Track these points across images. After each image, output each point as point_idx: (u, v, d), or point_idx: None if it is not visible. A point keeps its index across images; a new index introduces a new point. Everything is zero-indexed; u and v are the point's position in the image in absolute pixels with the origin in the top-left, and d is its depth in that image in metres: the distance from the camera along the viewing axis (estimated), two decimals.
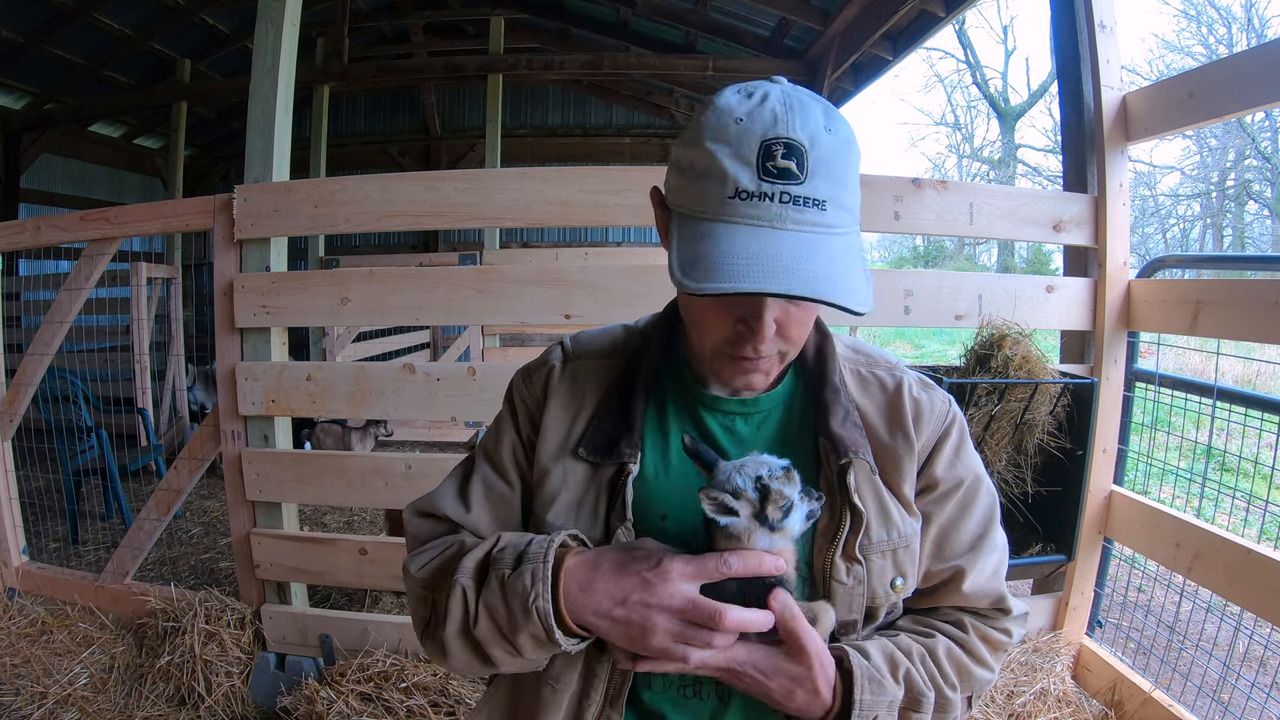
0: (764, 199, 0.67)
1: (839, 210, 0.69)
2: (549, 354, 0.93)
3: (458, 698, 2.09)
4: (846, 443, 0.80)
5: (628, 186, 2.08)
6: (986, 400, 1.98)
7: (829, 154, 0.68)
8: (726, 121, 0.69)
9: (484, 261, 5.76)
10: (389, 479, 2.18)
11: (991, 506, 0.87)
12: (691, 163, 0.71)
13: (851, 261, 0.69)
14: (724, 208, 0.68)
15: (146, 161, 9.47)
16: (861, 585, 0.79)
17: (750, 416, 0.85)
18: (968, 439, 0.88)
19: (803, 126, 0.68)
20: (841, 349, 0.89)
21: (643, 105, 9.33)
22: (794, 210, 0.67)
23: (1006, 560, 0.87)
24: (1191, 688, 2.13)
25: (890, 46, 5.50)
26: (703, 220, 0.69)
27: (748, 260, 0.66)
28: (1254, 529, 2.84)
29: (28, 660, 2.30)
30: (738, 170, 0.67)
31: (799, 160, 0.67)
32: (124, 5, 6.60)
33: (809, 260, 0.66)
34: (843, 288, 0.66)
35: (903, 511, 0.82)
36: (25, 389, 2.61)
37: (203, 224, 2.26)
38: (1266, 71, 1.77)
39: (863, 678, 0.73)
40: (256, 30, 2.25)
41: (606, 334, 0.94)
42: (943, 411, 0.86)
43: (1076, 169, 2.28)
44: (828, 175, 0.68)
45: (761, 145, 0.67)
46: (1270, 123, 15.43)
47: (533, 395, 0.91)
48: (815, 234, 0.68)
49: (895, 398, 0.86)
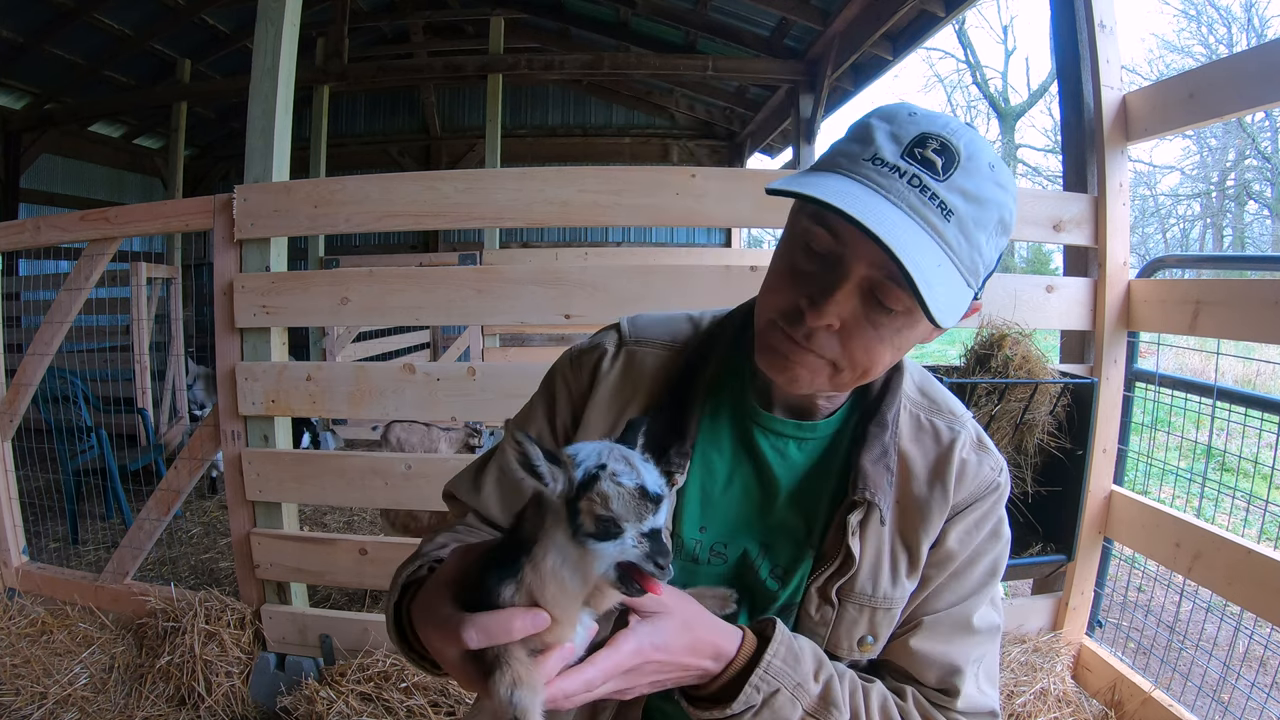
0: (894, 172, 0.64)
1: (961, 235, 0.65)
2: (603, 337, 0.88)
3: (458, 698, 2.09)
4: (868, 481, 0.74)
5: (628, 186, 2.09)
6: (986, 400, 1.98)
7: (981, 180, 0.65)
8: (901, 111, 0.68)
9: (484, 261, 5.75)
10: (389, 479, 2.18)
11: (983, 582, 0.80)
12: (850, 132, 0.69)
13: (947, 280, 0.64)
14: (853, 165, 0.65)
15: (146, 161, 9.46)
16: (825, 628, 0.76)
17: (804, 442, 0.80)
18: (1000, 510, 0.81)
19: (969, 144, 0.65)
20: (909, 386, 0.83)
21: (643, 105, 9.33)
22: (916, 197, 0.63)
23: (985, 646, 0.80)
24: (1191, 688, 2.13)
25: (890, 46, 5.50)
26: (826, 171, 0.67)
27: (851, 199, 0.62)
28: (1254, 529, 2.84)
29: (28, 660, 2.30)
30: (885, 142, 0.65)
31: (948, 161, 0.64)
32: (124, 5, 6.60)
33: (908, 236, 0.62)
34: (930, 284, 0.61)
35: (902, 571, 0.77)
36: (25, 389, 2.61)
37: (203, 224, 2.26)
38: (1266, 71, 1.77)
39: (780, 645, 0.70)
40: (256, 30, 2.25)
41: (670, 323, 0.88)
42: (987, 480, 0.80)
43: (1076, 169, 2.28)
44: (969, 194, 0.65)
45: (920, 134, 0.65)
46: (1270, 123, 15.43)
47: (578, 383, 0.86)
48: (925, 231, 0.64)
49: (945, 454, 0.80)
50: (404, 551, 2.21)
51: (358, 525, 4.20)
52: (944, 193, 0.64)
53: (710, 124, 9.27)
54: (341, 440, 5.15)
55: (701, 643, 0.67)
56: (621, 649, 0.62)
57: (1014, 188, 0.69)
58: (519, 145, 8.79)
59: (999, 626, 0.82)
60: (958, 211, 0.64)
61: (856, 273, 0.66)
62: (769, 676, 0.68)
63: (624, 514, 0.53)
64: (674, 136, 9.33)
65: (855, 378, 0.72)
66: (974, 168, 0.65)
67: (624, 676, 0.63)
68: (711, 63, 6.30)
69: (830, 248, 0.67)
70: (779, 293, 0.71)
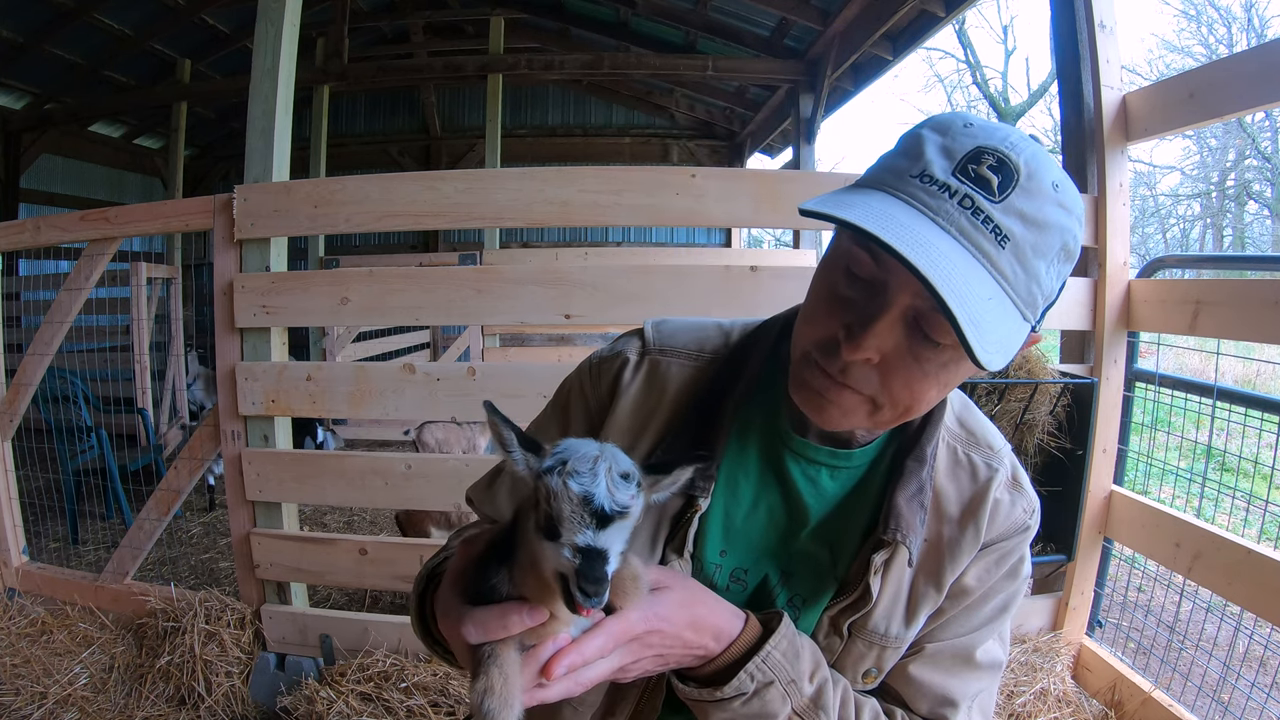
0: (944, 192, 0.58)
1: (1017, 264, 0.59)
2: (624, 344, 0.82)
3: (458, 698, 2.09)
4: (900, 521, 0.70)
5: (628, 186, 2.09)
6: (986, 400, 1.98)
7: (1042, 202, 0.58)
8: (955, 121, 0.61)
9: (484, 261, 5.75)
10: (389, 479, 2.18)
11: (992, 617, 0.77)
12: (899, 143, 0.63)
13: (999, 317, 0.58)
14: (899, 183, 0.59)
15: (146, 161, 9.47)
16: (830, 656, 0.74)
17: (838, 471, 0.75)
18: (1024, 554, 0.77)
19: (1030, 160, 0.59)
20: (949, 417, 0.78)
21: (643, 105, 9.34)
22: (967, 220, 0.57)
23: (984, 681, 0.77)
24: (1191, 688, 2.13)
25: (890, 46, 5.50)
26: (872, 186, 0.61)
27: (894, 224, 0.56)
28: (1254, 529, 2.84)
29: (28, 660, 2.30)
30: (935, 158, 0.59)
31: (1005, 180, 0.58)
32: (124, 5, 6.60)
33: (954, 267, 0.56)
34: (978, 322, 0.55)
35: (919, 611, 0.74)
36: (25, 389, 2.61)
37: (203, 224, 2.26)
38: (1266, 71, 1.77)
39: (782, 638, 0.67)
40: (256, 30, 2.25)
41: (699, 330, 0.82)
42: (1019, 521, 0.76)
43: (1076, 169, 2.28)
44: (1027, 218, 0.58)
45: (975, 149, 0.58)
46: (1270, 123, 15.42)
47: (596, 394, 0.81)
48: (976, 260, 0.58)
49: (981, 492, 0.75)
50: (404, 551, 2.22)
51: (358, 525, 4.20)
52: (999, 216, 0.58)
53: (710, 124, 9.28)
54: (341, 440, 5.16)
55: (703, 620, 0.65)
56: (628, 616, 0.60)
57: (1080, 209, 0.62)
58: (519, 145, 8.80)
59: (1002, 664, 0.79)
60: (1014, 237, 0.58)
61: (900, 302, 0.60)
62: (765, 666, 0.66)
63: (559, 516, 0.50)
64: (674, 136, 9.35)
65: (896, 415, 0.67)
66: (1035, 187, 0.58)
67: (629, 648, 0.61)
68: (711, 63, 6.31)
69: (873, 273, 0.61)
70: (815, 323, 0.66)
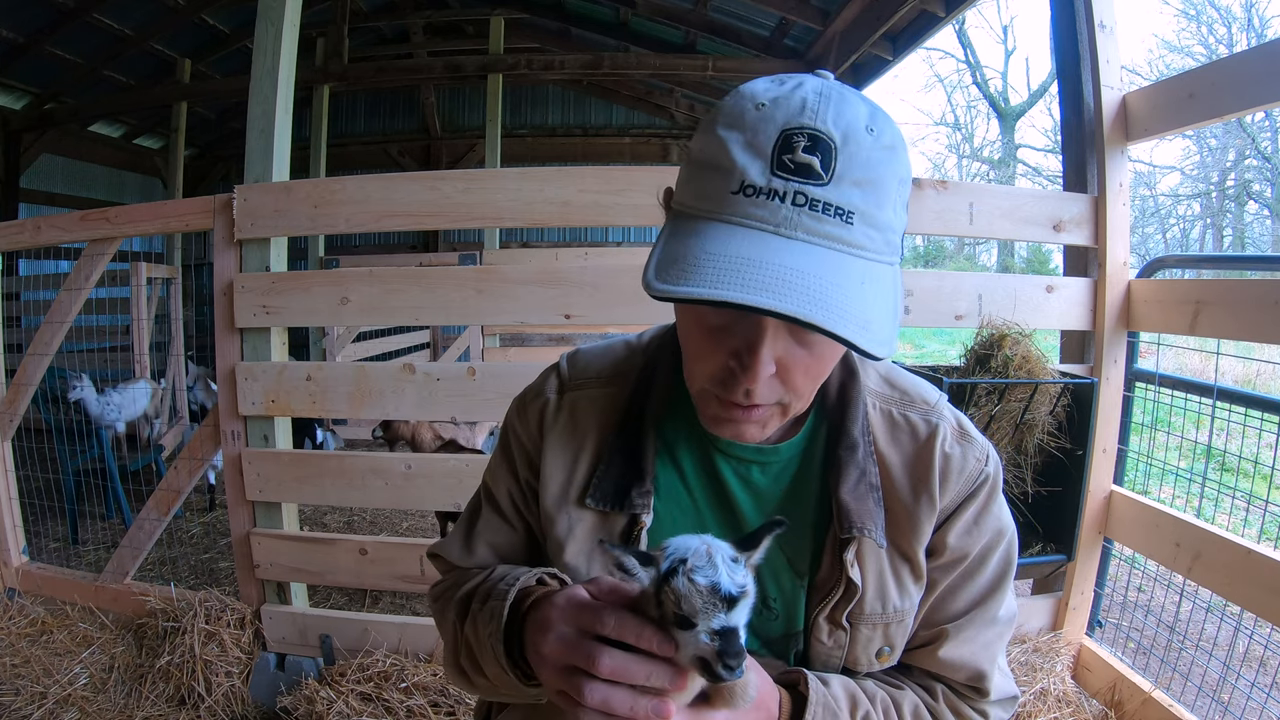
0: (773, 197, 0.55)
1: (869, 229, 0.57)
2: (544, 383, 0.83)
3: (458, 698, 2.09)
4: (854, 516, 0.71)
5: (628, 186, 2.08)
6: (986, 400, 1.98)
7: (866, 157, 0.56)
8: (746, 106, 0.58)
9: (484, 261, 5.75)
10: (389, 479, 2.18)
11: (999, 577, 0.77)
12: (699, 152, 0.60)
13: (876, 294, 0.57)
14: (724, 204, 0.57)
15: (146, 161, 9.46)
16: (841, 650, 0.75)
17: (768, 466, 0.75)
18: (996, 500, 0.77)
19: (836, 119, 0.56)
20: (874, 382, 0.78)
21: (643, 105, 9.34)
22: (809, 216, 0.55)
23: (1005, 636, 0.79)
24: (1191, 688, 2.13)
25: (890, 46, 5.50)
26: (698, 218, 0.59)
27: (737, 265, 0.54)
28: (1254, 529, 2.84)
29: (28, 660, 2.30)
30: (747, 162, 0.56)
31: (825, 157, 0.55)
32: (124, 5, 6.60)
33: (816, 278, 0.54)
34: (854, 319, 0.54)
35: (906, 581, 0.75)
36: (25, 389, 2.61)
37: (203, 224, 2.26)
38: (1266, 71, 1.77)
39: (816, 704, 0.67)
40: (256, 30, 2.25)
41: (607, 354, 0.83)
42: (974, 472, 0.76)
43: (1076, 169, 2.28)
44: (861, 182, 0.56)
45: (781, 135, 0.56)
46: (1270, 123, 15.43)
47: (529, 434, 0.81)
48: (832, 250, 0.56)
49: (925, 450, 0.75)
50: (404, 551, 2.22)
51: (358, 525, 4.19)
52: (835, 197, 0.56)
53: None
54: (341, 440, 5.16)
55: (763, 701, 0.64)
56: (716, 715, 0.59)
57: (901, 139, 0.60)
58: (519, 145, 8.80)
59: (1016, 613, 0.80)
60: (857, 209, 0.56)
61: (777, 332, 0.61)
62: None
63: (693, 610, 0.53)
64: (674, 136, 9.34)
65: (805, 402, 0.67)
66: (854, 149, 0.56)
67: None
68: (711, 63, 6.30)
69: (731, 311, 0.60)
70: (702, 359, 0.65)
